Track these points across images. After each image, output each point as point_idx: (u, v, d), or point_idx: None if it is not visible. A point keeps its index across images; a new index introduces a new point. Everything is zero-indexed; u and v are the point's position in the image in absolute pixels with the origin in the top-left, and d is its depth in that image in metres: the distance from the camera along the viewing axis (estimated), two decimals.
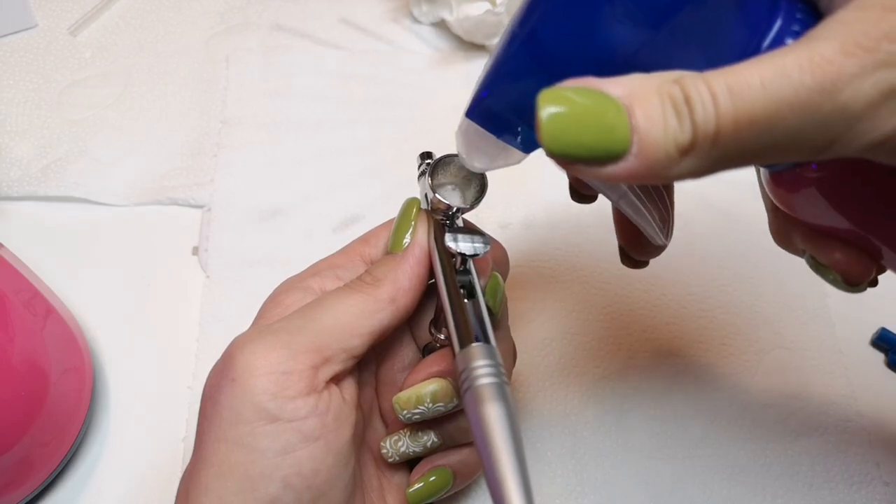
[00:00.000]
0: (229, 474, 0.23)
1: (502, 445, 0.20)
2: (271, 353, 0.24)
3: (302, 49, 0.49)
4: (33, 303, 0.33)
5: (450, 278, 0.26)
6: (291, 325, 0.25)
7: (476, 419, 0.21)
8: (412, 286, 0.27)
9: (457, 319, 0.24)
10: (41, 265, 0.36)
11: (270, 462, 0.23)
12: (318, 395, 0.24)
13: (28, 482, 0.31)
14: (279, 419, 0.23)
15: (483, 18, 0.46)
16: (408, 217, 0.28)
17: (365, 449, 0.29)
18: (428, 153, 0.29)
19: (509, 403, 0.21)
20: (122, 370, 0.37)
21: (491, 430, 0.21)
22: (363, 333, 0.25)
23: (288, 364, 0.24)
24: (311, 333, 0.25)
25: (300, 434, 0.24)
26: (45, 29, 0.49)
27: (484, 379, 0.22)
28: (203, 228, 0.41)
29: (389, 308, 0.26)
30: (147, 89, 0.47)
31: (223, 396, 0.24)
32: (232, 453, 0.23)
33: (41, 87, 0.46)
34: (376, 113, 0.46)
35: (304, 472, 0.23)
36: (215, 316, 0.38)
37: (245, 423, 0.23)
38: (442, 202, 0.27)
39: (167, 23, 0.50)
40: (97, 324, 0.38)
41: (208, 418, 0.24)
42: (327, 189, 0.43)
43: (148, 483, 0.34)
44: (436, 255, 0.26)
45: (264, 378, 0.23)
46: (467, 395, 0.22)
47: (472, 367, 0.22)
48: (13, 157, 0.43)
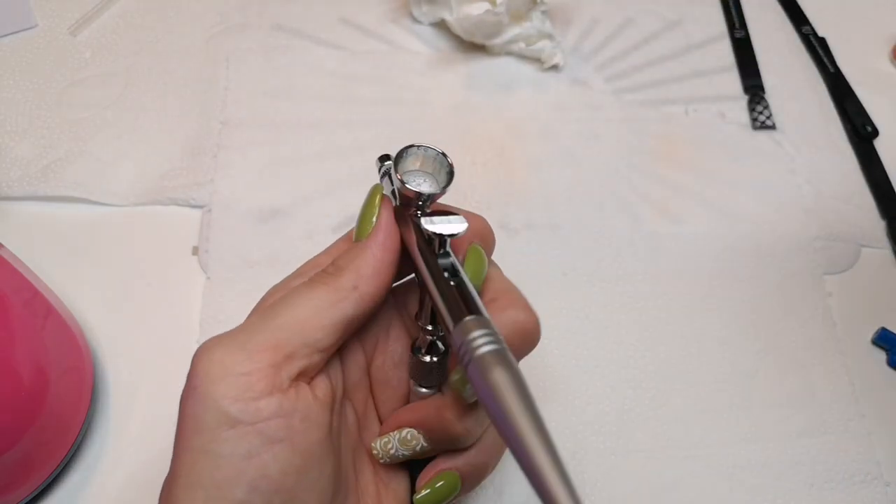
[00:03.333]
0: (197, 484, 0.23)
1: (518, 409, 0.20)
2: (227, 356, 0.23)
3: (302, 49, 0.49)
4: (33, 303, 0.33)
5: (431, 263, 0.25)
6: (249, 326, 0.24)
7: (485, 389, 0.21)
8: (376, 272, 0.26)
9: (445, 300, 0.24)
10: (41, 265, 0.36)
11: (235, 467, 0.23)
12: (283, 394, 0.24)
13: (28, 482, 0.31)
14: (240, 422, 0.23)
15: (483, 18, 0.46)
16: (371, 204, 0.27)
17: (361, 451, 0.28)
18: (386, 155, 0.29)
19: (515, 367, 0.21)
20: (122, 370, 0.37)
21: (502, 395, 0.20)
22: (326, 325, 0.25)
23: (245, 365, 0.23)
24: (268, 331, 0.24)
25: (263, 436, 0.23)
26: (45, 29, 0.49)
27: (483, 348, 0.21)
28: (203, 229, 0.41)
29: (352, 297, 0.25)
30: (147, 89, 0.47)
31: (187, 406, 0.23)
32: (197, 462, 0.23)
33: (41, 87, 0.46)
34: (376, 113, 0.46)
35: (271, 474, 0.23)
36: (215, 316, 0.38)
37: (207, 430, 0.23)
38: (412, 190, 0.26)
39: (167, 23, 0.50)
40: (97, 324, 0.38)
41: (178, 430, 0.24)
42: (327, 189, 0.43)
43: (147, 483, 0.34)
44: (413, 245, 0.26)
45: (223, 382, 0.23)
46: (470, 369, 0.21)
47: (469, 339, 0.22)
48: (13, 157, 0.43)
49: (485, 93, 0.47)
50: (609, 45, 0.51)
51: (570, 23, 0.52)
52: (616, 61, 0.50)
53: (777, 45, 0.51)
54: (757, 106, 0.48)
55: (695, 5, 0.53)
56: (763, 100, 0.48)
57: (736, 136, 0.46)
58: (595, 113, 0.47)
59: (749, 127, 0.47)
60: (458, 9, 0.47)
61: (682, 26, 0.52)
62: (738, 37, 0.51)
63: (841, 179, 0.45)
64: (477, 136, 0.45)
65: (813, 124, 0.47)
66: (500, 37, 0.48)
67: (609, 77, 0.49)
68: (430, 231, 0.25)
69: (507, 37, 0.48)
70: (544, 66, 0.48)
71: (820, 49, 0.51)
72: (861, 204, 0.44)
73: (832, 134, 0.47)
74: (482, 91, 0.47)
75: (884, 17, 0.53)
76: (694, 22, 0.52)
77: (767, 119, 0.47)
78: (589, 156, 0.45)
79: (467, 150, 0.45)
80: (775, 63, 0.50)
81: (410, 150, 0.27)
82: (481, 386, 0.21)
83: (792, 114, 0.48)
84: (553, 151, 0.45)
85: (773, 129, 0.47)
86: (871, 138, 0.46)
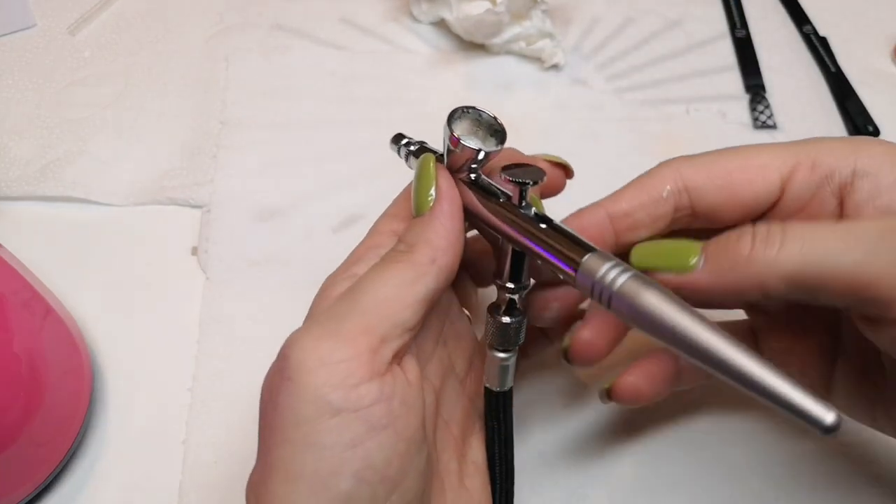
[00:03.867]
0: (298, 477, 0.22)
1: (690, 319, 0.20)
2: (321, 344, 0.22)
3: (302, 49, 0.49)
4: (32, 303, 0.33)
5: (520, 216, 0.25)
6: (336, 312, 0.24)
7: (645, 314, 0.21)
8: (450, 243, 0.25)
9: (554, 247, 0.24)
10: (40, 265, 0.36)
11: (339, 458, 0.22)
12: (382, 378, 0.23)
13: (25, 483, 0.31)
14: (343, 410, 0.22)
15: (483, 18, 0.46)
16: (427, 175, 0.26)
17: (442, 428, 0.27)
18: (400, 134, 0.29)
19: (659, 285, 0.21)
20: (121, 371, 0.36)
21: (667, 313, 0.20)
22: (411, 303, 0.24)
23: (342, 352, 0.22)
24: (357, 315, 0.23)
25: (367, 423, 0.22)
26: (44, 28, 0.49)
27: (621, 278, 0.21)
28: (202, 229, 0.41)
29: (431, 271, 0.24)
30: (146, 89, 0.46)
31: (281, 398, 0.22)
32: (297, 455, 0.22)
33: (40, 86, 0.46)
34: (376, 113, 0.46)
35: (376, 464, 0.22)
36: (215, 317, 0.38)
37: (307, 421, 0.22)
38: (471, 149, 0.25)
39: (166, 22, 0.50)
40: (96, 324, 0.37)
41: (269, 423, 0.23)
42: (327, 189, 0.43)
43: (147, 485, 0.33)
44: (478, 205, 0.26)
45: (320, 371, 0.22)
46: (615, 303, 0.21)
47: (601, 275, 0.22)
48: (12, 157, 0.43)
49: (485, 92, 0.47)
50: (610, 45, 0.51)
51: (570, 22, 0.51)
52: (617, 61, 0.50)
53: (778, 45, 0.51)
54: (758, 105, 0.47)
55: (696, 5, 0.53)
56: (764, 99, 0.48)
57: (737, 135, 0.46)
58: (595, 112, 0.47)
59: (750, 126, 0.47)
60: (458, 8, 0.47)
61: (683, 26, 0.52)
62: (739, 36, 0.51)
63: None
64: None
65: (814, 124, 0.47)
66: (501, 36, 0.47)
67: (609, 76, 0.49)
68: (518, 180, 0.25)
69: (507, 36, 0.47)
70: (545, 66, 0.48)
71: (821, 48, 0.51)
72: None
73: (833, 133, 0.47)
74: (482, 91, 0.47)
75: (885, 17, 0.53)
76: (695, 21, 0.52)
77: (769, 119, 0.47)
78: (589, 155, 0.45)
79: None
80: (776, 62, 0.50)
81: (464, 112, 0.26)
82: (639, 313, 0.21)
83: (793, 113, 0.48)
84: (553, 151, 0.44)
85: (774, 128, 0.47)
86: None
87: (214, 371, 0.36)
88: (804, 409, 0.18)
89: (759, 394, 0.19)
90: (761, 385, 0.19)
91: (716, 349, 0.20)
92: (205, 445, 0.34)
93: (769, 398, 0.19)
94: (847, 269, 0.21)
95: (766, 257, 0.22)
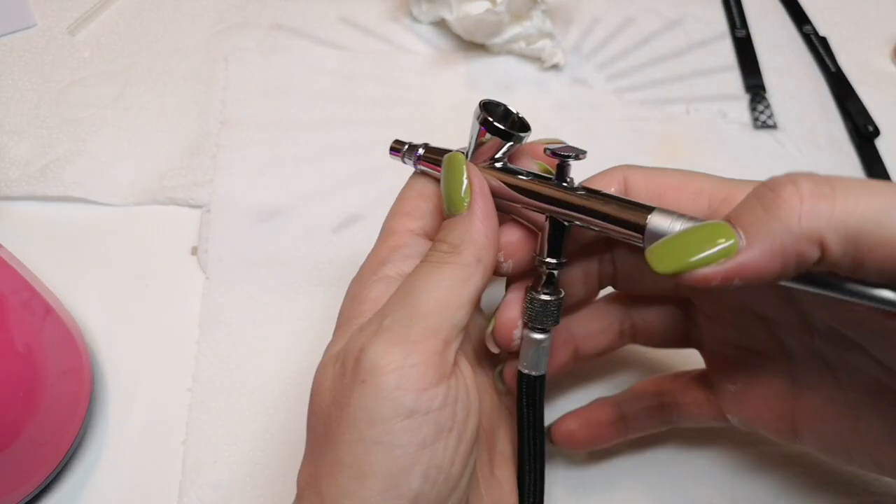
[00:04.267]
0: (370, 474, 0.23)
1: None
2: (394, 349, 0.23)
3: (302, 49, 0.49)
4: (31, 303, 0.33)
5: (567, 190, 0.26)
6: (399, 317, 0.24)
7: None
8: (491, 242, 0.26)
9: (614, 213, 0.25)
10: (40, 265, 0.36)
11: (411, 457, 0.23)
12: (448, 382, 0.24)
13: (25, 483, 0.31)
14: (416, 412, 0.23)
15: (483, 17, 0.46)
16: (458, 173, 0.27)
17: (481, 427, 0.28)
18: (398, 141, 0.30)
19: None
20: (121, 371, 0.36)
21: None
22: (464, 304, 0.25)
23: (414, 356, 0.23)
24: (422, 319, 0.24)
25: (437, 425, 0.23)
26: (44, 28, 0.49)
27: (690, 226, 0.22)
28: (202, 229, 0.41)
29: (479, 270, 0.25)
30: (146, 89, 0.46)
31: (354, 399, 0.23)
32: (371, 453, 0.23)
33: (40, 86, 0.46)
34: (376, 113, 0.46)
35: (442, 464, 0.23)
36: (215, 317, 0.38)
37: (383, 421, 0.23)
38: (500, 134, 0.27)
39: (166, 22, 0.50)
40: (96, 324, 0.37)
41: (338, 422, 0.23)
42: (327, 189, 0.43)
43: (146, 485, 0.33)
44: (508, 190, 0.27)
45: (395, 374, 0.23)
46: None
47: (669, 227, 0.23)
48: (12, 157, 0.43)
49: (485, 92, 0.47)
50: (610, 45, 0.51)
51: (570, 22, 0.51)
52: (617, 60, 0.50)
53: (778, 45, 0.51)
54: (758, 105, 0.47)
55: (696, 4, 0.53)
56: (764, 99, 0.48)
57: (737, 135, 0.46)
58: (596, 112, 0.47)
59: (750, 126, 0.47)
60: (459, 8, 0.47)
61: (683, 25, 0.52)
62: (740, 36, 0.51)
63: None
64: None
65: (814, 124, 0.47)
66: (501, 36, 0.47)
67: (610, 76, 0.49)
68: (562, 155, 0.26)
69: (507, 36, 0.47)
70: (545, 66, 0.48)
71: (821, 48, 0.51)
72: None
73: (834, 133, 0.47)
74: (482, 90, 0.47)
75: (885, 17, 0.53)
76: (695, 21, 0.52)
77: (769, 118, 0.47)
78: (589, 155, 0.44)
79: None
80: (777, 62, 0.50)
81: (484, 106, 0.27)
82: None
83: (793, 113, 0.48)
84: None
85: (774, 128, 0.47)
86: (872, 138, 0.46)
87: (214, 371, 0.36)
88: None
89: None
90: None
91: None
92: (205, 445, 0.34)
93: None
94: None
95: (821, 210, 0.20)
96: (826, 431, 0.27)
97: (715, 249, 0.21)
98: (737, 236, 0.21)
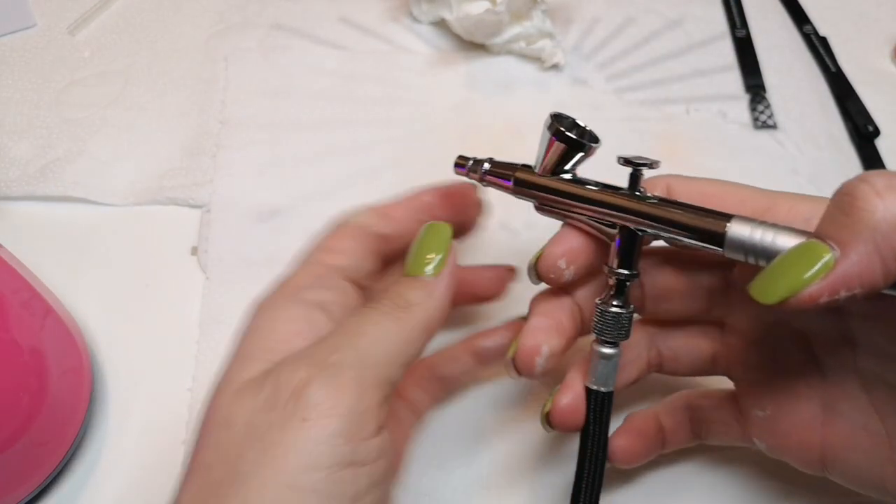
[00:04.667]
0: None
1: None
2: (345, 392, 0.22)
3: (302, 49, 0.49)
4: (32, 303, 0.33)
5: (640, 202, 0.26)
6: (348, 359, 0.23)
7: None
8: (444, 315, 0.26)
9: (693, 219, 0.25)
10: (40, 265, 0.36)
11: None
12: (381, 434, 0.23)
13: (26, 483, 0.31)
14: (353, 463, 0.22)
15: (483, 17, 0.46)
16: (442, 241, 0.27)
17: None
18: (463, 157, 0.30)
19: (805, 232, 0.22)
20: (121, 371, 0.36)
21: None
22: (405, 363, 0.24)
23: (362, 403, 0.22)
24: (373, 367, 0.23)
25: (370, 479, 0.22)
26: (44, 28, 0.49)
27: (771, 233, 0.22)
28: (202, 229, 0.41)
29: (423, 338, 0.25)
30: (146, 89, 0.46)
31: (288, 437, 0.21)
32: (304, 499, 0.21)
33: (40, 86, 0.46)
34: (376, 113, 0.46)
35: None
36: (215, 317, 0.38)
37: (319, 468, 0.21)
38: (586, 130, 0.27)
39: (166, 22, 0.50)
40: (96, 324, 0.37)
41: (257, 463, 0.21)
42: (327, 189, 0.43)
43: (146, 485, 0.33)
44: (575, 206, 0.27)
45: (342, 419, 0.22)
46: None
47: (750, 235, 0.23)
48: (12, 157, 0.43)
49: (485, 92, 0.47)
50: (610, 45, 0.51)
51: (570, 22, 0.51)
52: (617, 60, 0.50)
53: (778, 45, 0.51)
54: (758, 105, 0.47)
55: (696, 4, 0.53)
56: (764, 99, 0.48)
57: (737, 135, 0.46)
58: (596, 112, 0.47)
59: (751, 126, 0.47)
60: (458, 8, 0.47)
61: (683, 25, 0.52)
62: (740, 36, 0.51)
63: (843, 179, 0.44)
64: (477, 136, 0.45)
65: (814, 124, 0.47)
66: (501, 36, 0.47)
67: (610, 76, 0.49)
68: (635, 164, 0.26)
69: (507, 36, 0.47)
70: (545, 66, 0.48)
71: (821, 48, 0.51)
72: None
73: (834, 133, 0.47)
74: (482, 90, 0.47)
75: (885, 17, 0.53)
76: (695, 21, 0.52)
77: (769, 118, 0.47)
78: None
79: (467, 149, 0.44)
80: (777, 62, 0.50)
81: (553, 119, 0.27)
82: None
83: (793, 113, 0.47)
84: None
85: (774, 128, 0.47)
86: (872, 138, 0.46)
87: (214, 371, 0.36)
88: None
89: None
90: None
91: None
92: None
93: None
94: None
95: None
96: (858, 461, 0.26)
97: (816, 268, 0.21)
98: (830, 249, 0.21)
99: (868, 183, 0.21)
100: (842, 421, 0.26)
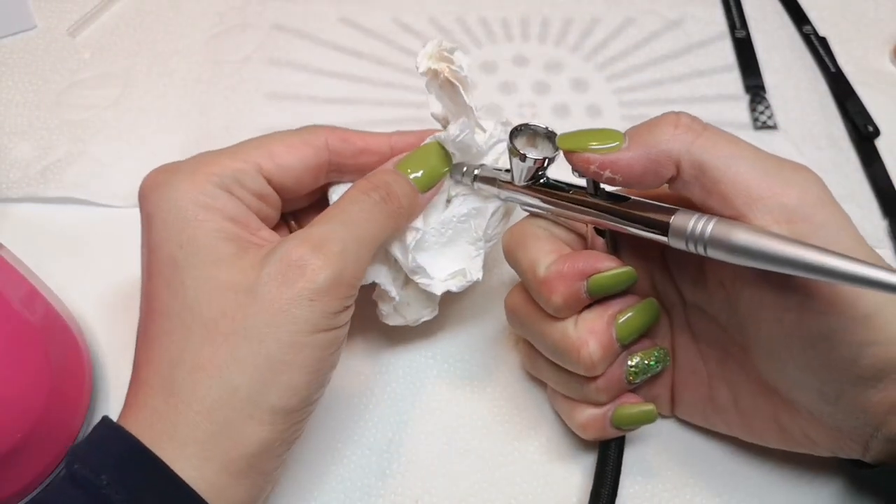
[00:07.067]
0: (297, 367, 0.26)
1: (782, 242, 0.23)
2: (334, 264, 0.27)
3: (302, 49, 0.49)
4: (33, 304, 0.33)
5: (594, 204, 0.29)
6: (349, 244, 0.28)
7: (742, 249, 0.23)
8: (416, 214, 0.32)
9: (639, 218, 0.27)
10: (41, 266, 0.36)
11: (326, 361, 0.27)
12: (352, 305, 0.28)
13: (26, 483, 0.31)
14: (335, 326, 0.27)
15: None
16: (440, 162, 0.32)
17: None
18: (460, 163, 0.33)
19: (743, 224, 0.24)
20: (122, 371, 0.36)
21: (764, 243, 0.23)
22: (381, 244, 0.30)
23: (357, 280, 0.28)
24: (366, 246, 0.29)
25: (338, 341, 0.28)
26: (44, 30, 0.49)
27: (710, 224, 0.24)
28: None
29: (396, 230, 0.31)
30: (146, 90, 0.46)
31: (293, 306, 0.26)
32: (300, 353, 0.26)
33: (40, 87, 0.46)
34: (376, 113, 0.46)
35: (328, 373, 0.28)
36: None
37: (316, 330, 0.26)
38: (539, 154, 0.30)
39: (166, 23, 0.50)
40: (96, 325, 0.37)
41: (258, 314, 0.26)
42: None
43: None
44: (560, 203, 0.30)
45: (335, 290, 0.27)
46: (712, 246, 0.24)
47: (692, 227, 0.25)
48: (12, 159, 0.43)
49: (485, 91, 0.47)
50: (610, 45, 0.51)
51: (571, 22, 0.52)
52: (617, 61, 0.50)
53: (778, 45, 0.51)
54: (758, 106, 0.47)
55: (695, 5, 0.53)
56: (764, 100, 0.48)
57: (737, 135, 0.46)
58: (596, 112, 0.47)
59: (750, 127, 0.47)
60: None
61: (683, 26, 0.52)
62: (739, 36, 0.51)
63: (842, 179, 0.44)
64: None
65: (814, 124, 0.47)
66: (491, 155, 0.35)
67: (609, 76, 0.49)
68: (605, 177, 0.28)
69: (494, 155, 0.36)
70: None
71: (821, 49, 0.51)
72: (862, 203, 0.44)
73: (833, 134, 0.47)
74: (482, 90, 0.47)
75: (885, 17, 0.53)
76: (695, 22, 0.52)
77: (769, 119, 0.47)
78: None
79: None
80: (776, 63, 0.50)
81: (517, 132, 0.30)
82: (734, 247, 0.24)
83: (793, 114, 0.48)
84: None
85: (774, 129, 0.47)
86: (872, 138, 0.46)
87: None
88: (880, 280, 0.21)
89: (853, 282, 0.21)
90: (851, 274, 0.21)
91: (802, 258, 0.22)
92: None
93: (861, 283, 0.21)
94: (742, 175, 0.26)
95: (685, 139, 0.26)
96: (692, 399, 0.32)
97: (606, 145, 0.27)
98: (623, 140, 0.27)
99: (677, 115, 0.27)
100: (680, 367, 0.32)
